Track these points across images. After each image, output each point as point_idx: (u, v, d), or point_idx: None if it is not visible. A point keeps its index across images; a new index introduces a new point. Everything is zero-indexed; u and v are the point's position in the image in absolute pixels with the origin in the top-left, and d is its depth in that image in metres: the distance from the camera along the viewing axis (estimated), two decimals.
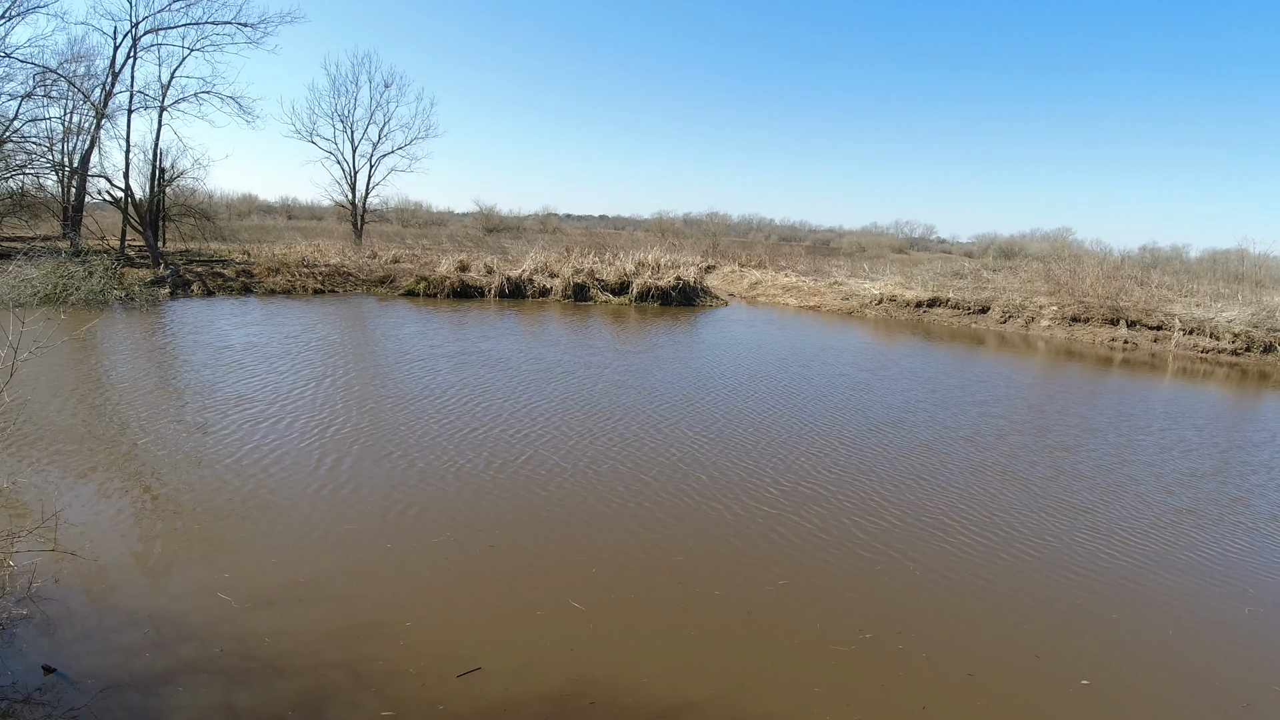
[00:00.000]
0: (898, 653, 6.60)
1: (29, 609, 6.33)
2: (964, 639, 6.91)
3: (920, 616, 7.24)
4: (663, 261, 33.83)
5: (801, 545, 8.65)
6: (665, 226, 72.52)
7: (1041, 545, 9.01)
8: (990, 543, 8.97)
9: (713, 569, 7.97)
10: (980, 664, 6.51)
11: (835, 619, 7.11)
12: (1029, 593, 7.87)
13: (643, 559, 8.15)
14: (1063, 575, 8.30)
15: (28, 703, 5.27)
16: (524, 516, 9.08)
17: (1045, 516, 9.91)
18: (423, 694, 5.61)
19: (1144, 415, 16.22)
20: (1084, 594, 7.92)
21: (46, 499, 8.62)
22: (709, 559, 8.20)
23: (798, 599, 7.46)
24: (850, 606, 7.36)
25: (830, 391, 16.56)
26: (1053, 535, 9.33)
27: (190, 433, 11.32)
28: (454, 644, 6.32)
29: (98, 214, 33.13)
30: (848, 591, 7.67)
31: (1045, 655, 6.71)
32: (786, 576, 7.89)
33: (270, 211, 65.85)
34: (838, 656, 6.50)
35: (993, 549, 8.82)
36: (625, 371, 17.45)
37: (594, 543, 8.48)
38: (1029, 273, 36.51)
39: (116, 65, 30.46)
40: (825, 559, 8.35)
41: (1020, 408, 16.20)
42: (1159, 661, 6.83)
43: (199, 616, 6.53)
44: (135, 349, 17.24)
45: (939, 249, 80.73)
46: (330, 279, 29.53)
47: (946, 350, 24.13)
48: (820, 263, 47.58)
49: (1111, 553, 8.96)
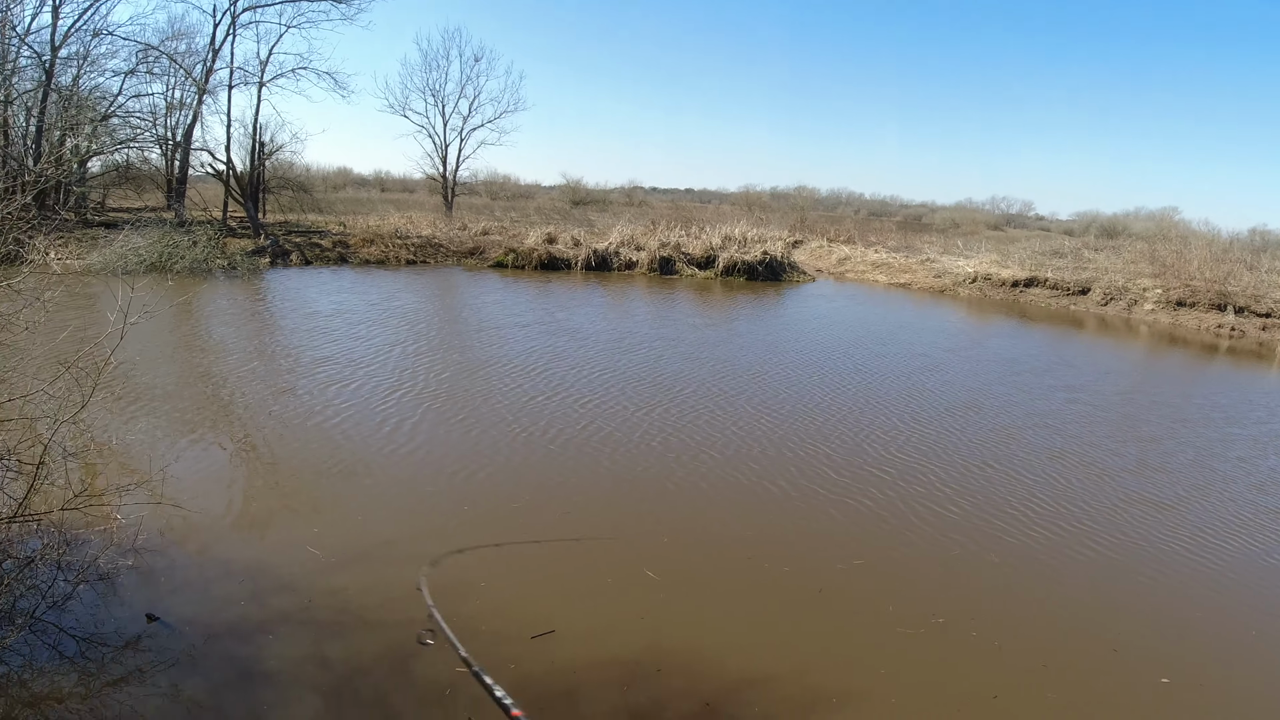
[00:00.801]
0: (970, 640, 6.46)
1: (134, 559, 6.62)
2: (1039, 631, 6.71)
3: (994, 605, 7.07)
4: (749, 236, 33.42)
5: (870, 528, 8.50)
6: (752, 200, 71.53)
7: (1120, 540, 8.64)
8: (1067, 535, 8.65)
9: (780, 546, 7.91)
10: (1055, 656, 6.31)
11: (907, 602, 6.98)
12: (1107, 588, 7.58)
13: (712, 532, 8.14)
14: (1142, 572, 7.97)
15: (130, 649, 5.52)
16: (589, 485, 9.16)
17: (1125, 510, 9.48)
18: (496, 652, 5.70)
19: (1241, 407, 15.39)
20: (1164, 592, 7.60)
21: (153, 456, 9.00)
22: (776, 536, 8.14)
23: (869, 580, 7.35)
24: (923, 591, 7.21)
25: (906, 372, 16.16)
26: (1132, 530, 8.95)
27: (279, 395, 11.74)
28: (527, 606, 6.43)
29: (200, 186, 34.33)
30: (920, 576, 7.52)
31: (1123, 650, 6.48)
32: (861, 556, 7.78)
33: (364, 184, 67.18)
34: (908, 639, 6.39)
35: (1069, 542, 8.50)
36: (698, 344, 17.38)
37: (662, 514, 8.50)
38: (1132, 253, 34.71)
39: (216, 42, 31.42)
40: (896, 542, 8.20)
41: (1109, 394, 15.55)
42: (1241, 664, 6.53)
43: (292, 570, 6.76)
44: (235, 315, 17.85)
45: (1037, 226, 77.87)
46: (422, 250, 30.05)
47: (1039, 332, 23.34)
48: (911, 239, 46.49)
49: (1194, 551, 8.54)
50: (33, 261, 12.72)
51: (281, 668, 5.44)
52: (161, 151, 34.42)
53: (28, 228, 9.78)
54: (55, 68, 28.13)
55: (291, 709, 5.08)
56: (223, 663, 5.45)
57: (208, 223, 28.94)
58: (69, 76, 29.78)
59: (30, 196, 9.93)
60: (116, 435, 9.57)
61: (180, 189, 32.30)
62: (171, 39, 32.04)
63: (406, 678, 5.42)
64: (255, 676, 5.33)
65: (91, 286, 18.59)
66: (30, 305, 7.01)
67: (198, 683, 5.22)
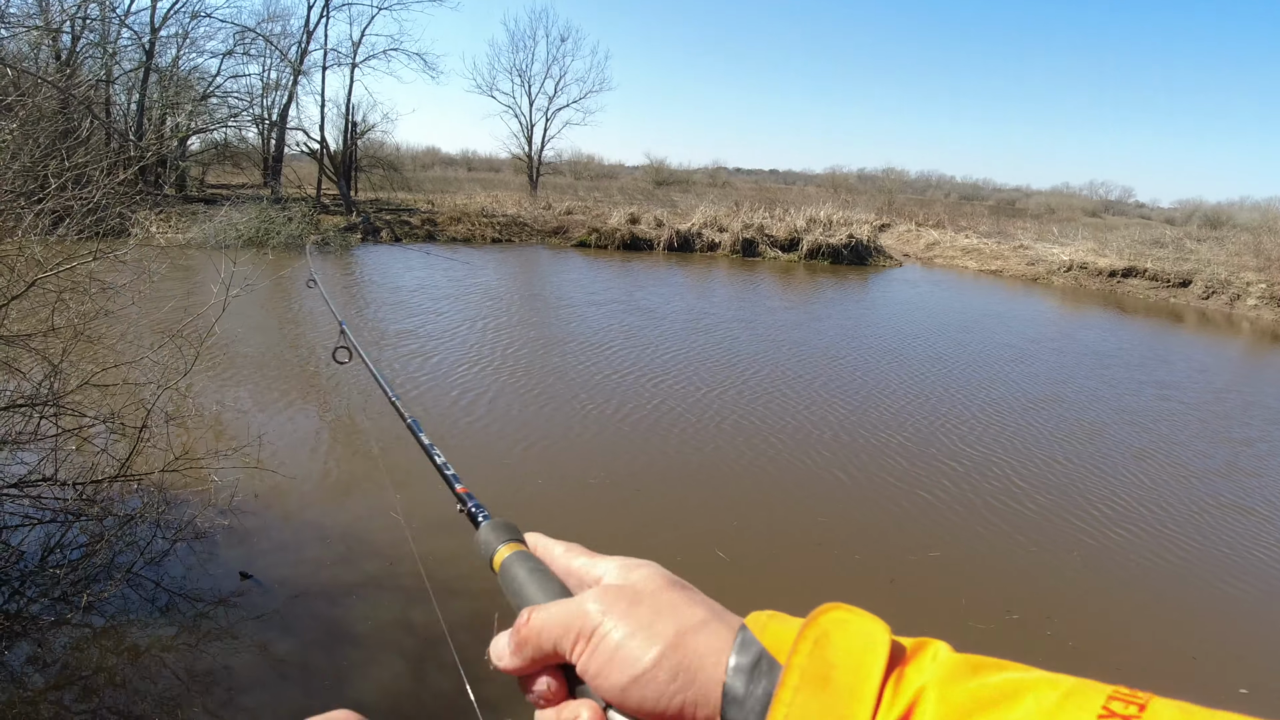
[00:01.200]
0: (1044, 638, 6.30)
1: (230, 520, 6.87)
2: (1113, 633, 6.50)
3: (1069, 605, 6.85)
4: (834, 218, 32.86)
5: (943, 520, 8.29)
6: (838, 182, 70.39)
7: (1203, 546, 8.23)
8: (1147, 538, 8.27)
9: (851, 533, 7.81)
10: (1130, 659, 6.14)
11: (981, 597, 6.84)
12: (1186, 594, 7.28)
13: (781, 517, 8.08)
14: (1226, 580, 7.59)
15: (222, 605, 5.74)
16: (659, 464, 9.18)
17: (1210, 515, 9.00)
18: None
19: None
20: (1248, 602, 7.23)
21: (249, 422, 9.33)
22: (846, 524, 8.03)
23: (943, 572, 7.21)
24: (997, 587, 7.05)
25: (987, 361, 15.68)
26: (1216, 536, 8.51)
27: (373, 364, 11.94)
28: None
29: (295, 164, 35.28)
30: (995, 571, 7.34)
31: (1202, 659, 6.24)
32: (935, 548, 7.61)
33: (451, 163, 68.23)
34: (980, 633, 6.27)
35: (1150, 545, 8.13)
36: (774, 326, 17.24)
37: (732, 496, 8.47)
38: (1236, 245, 32.98)
39: (310, 24, 32.26)
40: (969, 536, 8.00)
41: (1202, 392, 14.84)
42: None
43: (381, 536, 6.93)
44: (328, 289, 18.28)
45: (1137, 214, 74.86)
46: (507, 229, 30.39)
47: (1134, 325, 22.48)
48: (1004, 224, 45.15)
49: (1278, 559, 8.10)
50: (137, 235, 13.25)
51: (367, 630, 5.61)
52: (258, 130, 35.60)
53: (132, 202, 10.22)
54: (155, 48, 29.24)
55: (375, 670, 5.23)
56: (311, 622, 5.64)
57: (302, 200, 29.75)
58: (168, 57, 31.04)
59: (134, 171, 10.33)
60: (215, 402, 9.95)
61: (276, 167, 33.29)
62: (267, 21, 33.07)
63: (484, 644, 5.52)
64: (341, 637, 5.51)
65: (193, 260, 19.31)
66: (136, 277, 7.33)
67: (287, 641, 5.42)
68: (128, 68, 29.52)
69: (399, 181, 37.09)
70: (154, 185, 24.05)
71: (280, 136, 33.35)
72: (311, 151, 32.60)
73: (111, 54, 28.04)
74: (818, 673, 0.54)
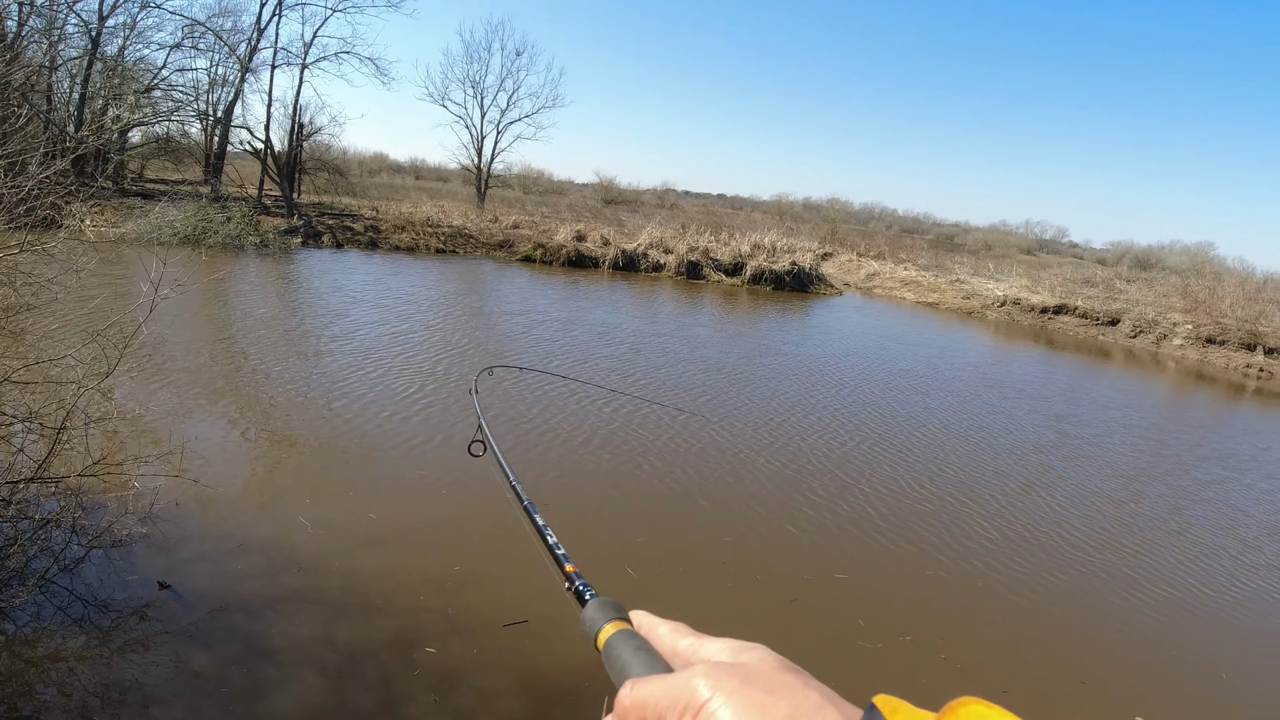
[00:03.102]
0: (934, 660, 6.46)
1: (149, 528, 6.68)
2: (1007, 656, 6.71)
3: (962, 629, 7.02)
4: (779, 245, 33.29)
5: (850, 545, 8.44)
6: (784, 209, 71.47)
7: (1091, 575, 8.52)
8: (1045, 567, 8.53)
9: (758, 554, 7.89)
10: (1019, 681, 6.34)
11: (880, 619, 6.96)
12: (1082, 621, 7.52)
13: (690, 535, 8.17)
14: (1116, 608, 7.91)
15: (138, 616, 5.57)
16: (566, 480, 9.21)
17: (1088, 552, 9.19)
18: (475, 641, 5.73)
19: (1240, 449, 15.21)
20: (1141, 630, 7.51)
21: (174, 428, 9.07)
22: (753, 544, 8.10)
23: (845, 594, 7.34)
24: (898, 610, 7.18)
25: (888, 387, 16.04)
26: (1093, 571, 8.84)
27: (305, 374, 11.76)
28: (516, 598, 6.40)
29: (238, 163, 34.66)
30: (898, 597, 7.48)
31: (1092, 683, 6.44)
32: (845, 571, 7.77)
33: (399, 170, 67.63)
34: (868, 653, 6.41)
35: (1046, 572, 8.41)
36: (689, 342, 17.34)
37: (642, 512, 8.56)
38: (1165, 287, 34.48)
39: (262, 22, 31.91)
40: (873, 561, 8.15)
41: (1102, 419, 15.37)
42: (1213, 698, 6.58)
43: (307, 549, 6.79)
44: (264, 292, 18.00)
45: (1070, 253, 77.26)
46: (452, 239, 30.15)
47: (1053, 358, 23.11)
48: (942, 258, 46.22)
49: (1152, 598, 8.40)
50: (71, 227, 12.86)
51: (287, 645, 5.47)
52: (202, 126, 34.90)
53: (65, 193, 9.91)
54: (101, 36, 28.53)
55: (294, 687, 5.11)
56: (229, 636, 5.49)
57: (243, 199, 29.25)
58: (114, 46, 30.29)
59: (69, 162, 10.04)
60: (140, 405, 9.66)
61: (218, 164, 32.67)
62: (218, 15, 32.57)
63: (410, 663, 5.44)
64: (261, 653, 5.37)
65: (125, 256, 18.80)
66: (64, 271, 7.12)
67: (204, 654, 5.26)
68: (72, 55, 28.75)
69: (344, 186, 36.65)
70: (90, 177, 23.42)
71: (224, 133, 32.79)
72: (255, 151, 32.02)
73: (56, 40, 27.29)
74: None
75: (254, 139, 32.07)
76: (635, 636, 0.78)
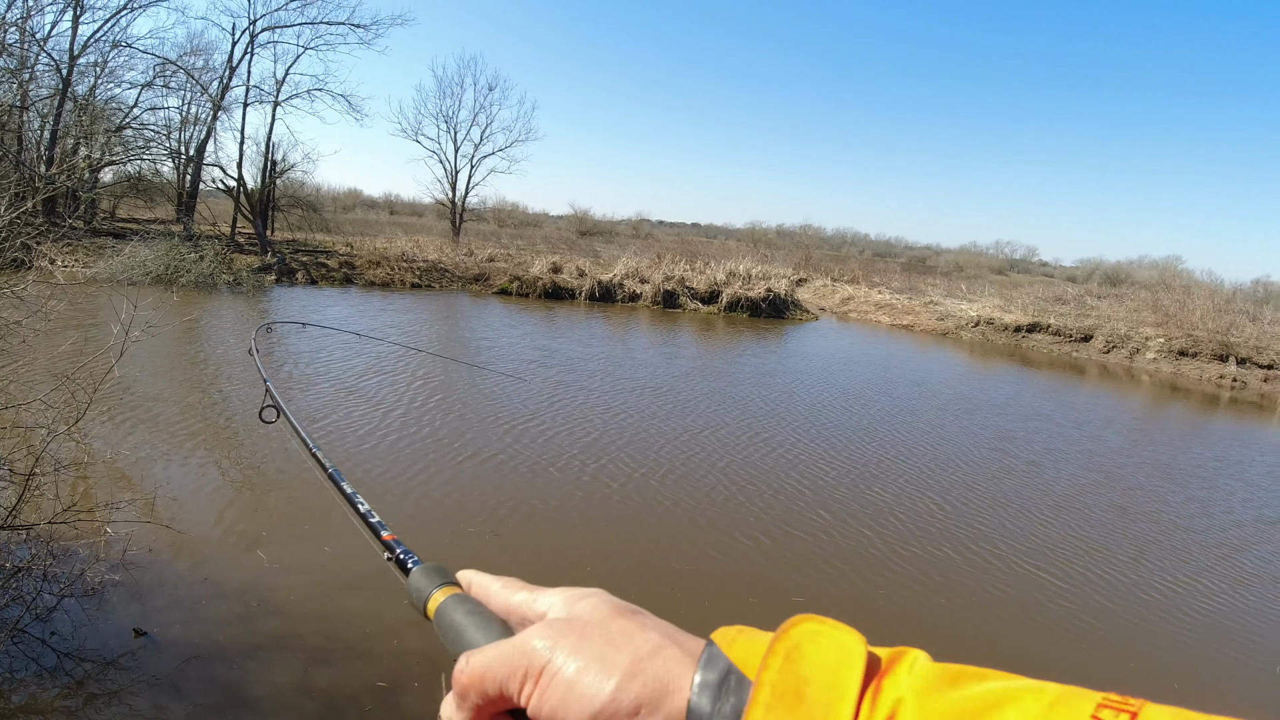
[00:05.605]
0: None
1: (123, 575, 6.55)
2: None
3: (920, 641, 7.08)
4: (754, 272, 33.44)
5: (815, 561, 8.46)
6: (758, 236, 71.94)
7: (1071, 585, 8.64)
8: (1010, 585, 8.62)
9: (706, 580, 7.81)
10: None
11: None
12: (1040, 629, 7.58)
13: (649, 561, 8.10)
14: (1080, 618, 7.97)
15: (113, 666, 5.45)
16: (519, 510, 9.12)
17: (1066, 554, 9.45)
18: None
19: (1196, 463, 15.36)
20: (1096, 646, 7.60)
21: (147, 472, 8.93)
22: (703, 570, 8.05)
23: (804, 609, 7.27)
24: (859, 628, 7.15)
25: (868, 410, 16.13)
26: (1078, 572, 8.95)
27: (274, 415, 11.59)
28: None
29: (210, 201, 34.43)
30: (859, 613, 7.50)
31: None
32: (801, 594, 7.73)
33: (374, 206, 67.71)
34: None
35: (997, 591, 8.48)
36: (661, 374, 17.32)
37: (594, 538, 8.53)
38: (1135, 301, 35.05)
39: (234, 60, 31.84)
40: (832, 581, 8.16)
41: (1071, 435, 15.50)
42: None
43: (285, 594, 6.66)
44: (238, 332, 17.82)
45: (1040, 272, 78.30)
46: (428, 274, 30.08)
47: (1029, 375, 23.29)
48: (915, 280, 46.64)
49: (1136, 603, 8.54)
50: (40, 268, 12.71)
51: (266, 694, 5.36)
52: (174, 165, 34.70)
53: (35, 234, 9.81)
54: (73, 76, 28.39)
55: None
56: (206, 685, 5.37)
57: (216, 238, 29.08)
58: (86, 86, 30.11)
59: (39, 202, 9.94)
60: (112, 449, 9.51)
61: (190, 203, 32.49)
62: (190, 54, 32.44)
63: (393, 710, 5.34)
64: (239, 702, 5.25)
65: (96, 298, 18.59)
66: (34, 313, 7.01)
67: (180, 704, 5.14)
68: (43, 94, 28.59)
69: (318, 223, 36.50)
70: (60, 217, 23.14)
71: (196, 172, 32.61)
72: (228, 189, 31.90)
73: (27, 80, 27.12)
74: (790, 688, 0.52)
75: (227, 176, 31.99)
76: (467, 600, 0.76)
